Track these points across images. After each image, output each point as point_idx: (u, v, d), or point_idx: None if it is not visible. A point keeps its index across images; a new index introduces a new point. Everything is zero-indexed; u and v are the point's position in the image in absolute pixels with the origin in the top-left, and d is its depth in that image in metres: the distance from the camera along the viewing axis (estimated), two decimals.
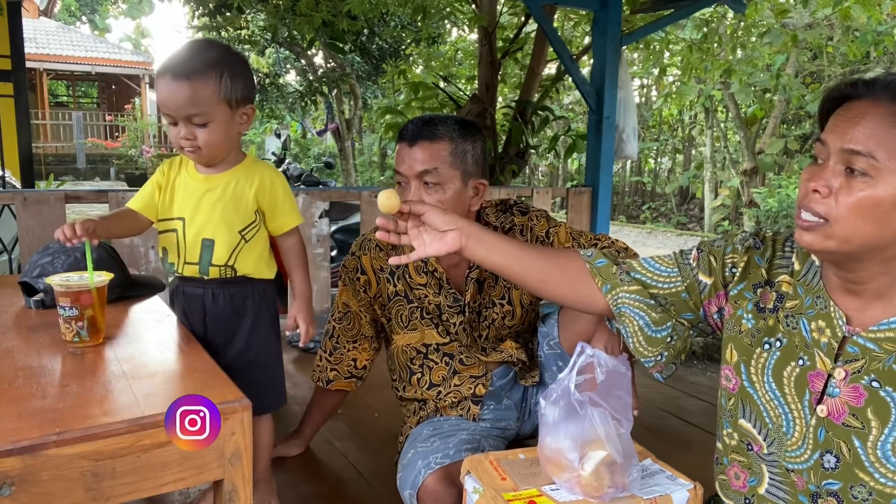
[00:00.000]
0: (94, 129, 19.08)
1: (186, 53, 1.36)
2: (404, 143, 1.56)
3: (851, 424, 0.94)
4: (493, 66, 4.72)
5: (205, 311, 1.46)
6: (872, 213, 0.88)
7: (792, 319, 1.03)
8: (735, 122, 11.48)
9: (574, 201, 3.77)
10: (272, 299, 1.54)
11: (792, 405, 1.01)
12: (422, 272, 1.68)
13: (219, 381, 1.07)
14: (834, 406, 0.96)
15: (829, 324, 0.98)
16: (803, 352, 1.00)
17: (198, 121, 1.32)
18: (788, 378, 1.02)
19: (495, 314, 1.70)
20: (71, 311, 1.20)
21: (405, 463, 1.54)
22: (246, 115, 1.40)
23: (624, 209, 14.31)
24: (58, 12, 24.51)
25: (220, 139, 1.36)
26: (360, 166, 14.22)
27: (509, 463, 1.16)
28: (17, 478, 0.83)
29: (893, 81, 0.90)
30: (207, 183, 1.42)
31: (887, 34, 7.08)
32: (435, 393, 1.70)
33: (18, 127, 6.11)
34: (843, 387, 0.95)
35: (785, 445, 1.01)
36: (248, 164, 1.45)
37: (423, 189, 1.53)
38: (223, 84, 1.33)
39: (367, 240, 1.74)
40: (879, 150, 0.86)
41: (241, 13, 7.20)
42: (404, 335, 1.71)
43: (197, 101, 1.31)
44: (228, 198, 1.41)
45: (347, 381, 1.82)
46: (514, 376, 1.74)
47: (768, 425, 1.04)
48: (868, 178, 0.87)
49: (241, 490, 1.00)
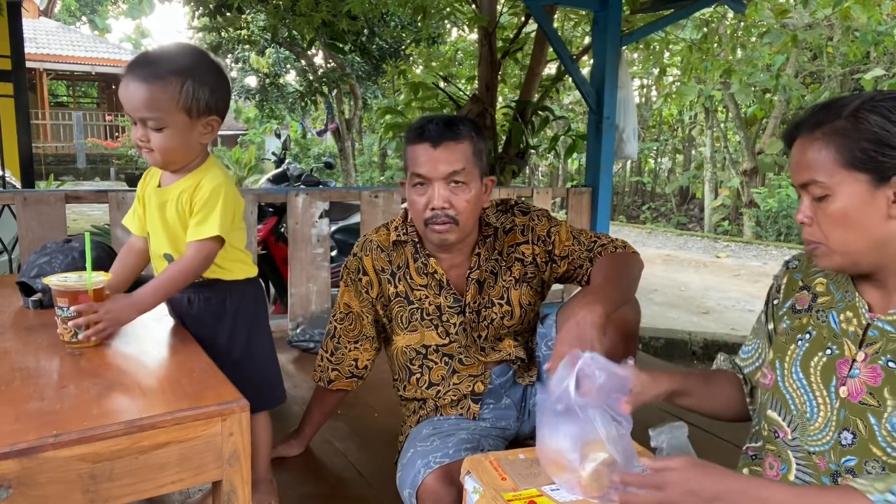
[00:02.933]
0: (94, 129, 19.09)
1: (154, 56, 1.33)
2: (426, 145, 1.54)
3: (868, 402, 1.01)
4: (493, 66, 4.71)
5: (184, 315, 1.45)
6: (847, 223, 1.00)
7: (822, 314, 1.12)
8: (735, 122, 11.48)
9: (574, 201, 3.77)
10: (255, 297, 1.52)
11: (817, 392, 1.08)
12: (422, 273, 1.68)
13: (217, 381, 1.07)
14: (853, 386, 1.03)
15: (855, 314, 1.07)
16: (832, 342, 1.09)
17: (151, 125, 1.30)
18: (815, 367, 1.09)
19: (494, 314, 1.70)
20: (68, 311, 1.19)
21: (405, 462, 1.54)
22: (210, 125, 1.37)
23: (624, 209, 14.31)
24: (58, 12, 24.52)
25: (174, 146, 1.33)
26: (360, 166, 14.23)
27: (509, 463, 1.16)
28: (15, 480, 0.82)
29: (807, 115, 1.05)
30: (163, 196, 1.39)
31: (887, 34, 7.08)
32: (434, 392, 1.69)
33: (18, 127, 6.10)
34: (863, 368, 1.03)
35: (808, 430, 1.08)
36: (197, 172, 1.39)
37: (450, 190, 1.54)
38: (184, 92, 1.30)
39: (368, 241, 1.74)
40: (819, 174, 1.00)
41: (241, 13, 7.20)
42: (404, 336, 1.71)
43: (151, 105, 1.28)
44: (175, 210, 1.38)
45: (348, 381, 1.82)
46: (514, 375, 1.75)
47: (793, 412, 1.10)
48: (828, 197, 1.00)
49: (239, 490, 1.00)
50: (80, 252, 1.51)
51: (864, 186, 0.98)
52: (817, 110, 1.04)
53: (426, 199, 1.55)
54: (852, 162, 0.98)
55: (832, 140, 0.99)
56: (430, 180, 1.54)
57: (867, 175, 0.97)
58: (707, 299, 6.25)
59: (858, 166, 0.97)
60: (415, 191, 1.57)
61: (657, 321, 5.19)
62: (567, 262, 1.71)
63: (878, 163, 0.96)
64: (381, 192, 3.23)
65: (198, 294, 1.44)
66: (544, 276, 1.74)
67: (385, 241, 1.71)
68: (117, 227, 2.59)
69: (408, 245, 1.68)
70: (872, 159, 0.96)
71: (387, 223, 1.76)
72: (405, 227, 1.69)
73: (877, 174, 0.97)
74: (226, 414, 0.96)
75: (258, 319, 1.53)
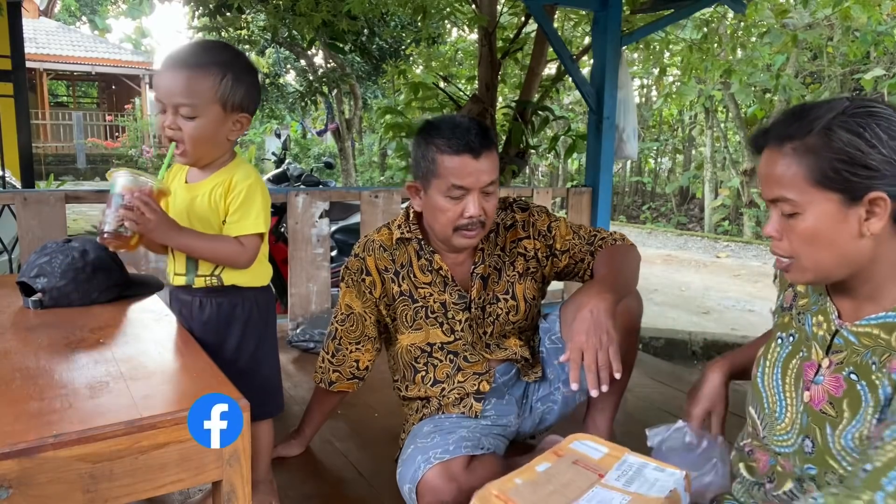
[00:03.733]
0: (94, 129, 19.09)
1: (197, 47, 1.36)
2: (467, 157, 1.52)
3: (827, 412, 1.01)
4: (493, 66, 4.71)
5: (193, 319, 1.45)
6: (818, 241, 0.97)
7: (802, 316, 1.12)
8: (735, 122, 11.48)
9: (574, 201, 3.77)
10: (266, 307, 1.51)
11: (787, 393, 1.08)
12: (426, 271, 1.68)
13: (217, 381, 1.07)
14: (816, 392, 1.03)
15: (825, 318, 1.06)
16: (804, 345, 1.09)
17: (184, 112, 1.30)
18: (792, 369, 1.09)
19: (500, 309, 1.70)
20: (125, 200, 1.23)
21: (405, 458, 1.55)
22: (240, 122, 1.38)
23: (624, 209, 14.30)
24: (58, 12, 24.51)
25: (205, 137, 1.33)
26: (360, 166, 14.22)
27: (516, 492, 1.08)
28: (15, 481, 0.82)
29: (775, 124, 1.01)
30: (191, 192, 1.40)
31: (887, 34, 7.08)
32: (439, 390, 1.70)
33: (18, 127, 6.11)
34: (827, 375, 1.03)
35: (775, 430, 1.08)
36: (228, 169, 1.40)
37: (483, 199, 1.56)
38: (223, 84, 1.32)
39: (370, 240, 1.73)
40: (789, 191, 0.97)
41: (241, 13, 7.20)
42: (409, 335, 1.71)
43: (189, 91, 1.29)
44: (207, 207, 1.38)
45: (350, 383, 1.82)
46: (517, 373, 1.76)
47: (765, 410, 1.11)
48: (797, 214, 0.97)
49: (239, 490, 1.00)
50: (80, 252, 1.51)
51: (835, 206, 0.95)
52: (787, 119, 1.00)
53: (461, 208, 1.55)
54: (823, 181, 0.94)
55: (803, 158, 0.95)
56: (471, 190, 1.54)
57: (839, 195, 0.94)
58: (707, 299, 6.25)
59: (830, 186, 0.94)
60: (448, 200, 1.55)
61: (657, 321, 5.18)
62: (568, 255, 1.73)
63: (849, 182, 0.93)
64: (381, 192, 3.23)
65: (210, 299, 1.44)
66: (545, 270, 1.76)
67: (387, 240, 1.71)
68: None
69: (412, 242, 1.69)
70: (845, 179, 0.93)
71: (387, 223, 1.76)
72: (408, 224, 1.69)
73: (848, 194, 0.94)
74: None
75: (268, 328, 1.52)
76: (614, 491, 1.07)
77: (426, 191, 1.59)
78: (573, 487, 1.08)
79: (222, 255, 1.38)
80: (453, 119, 1.59)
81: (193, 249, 1.37)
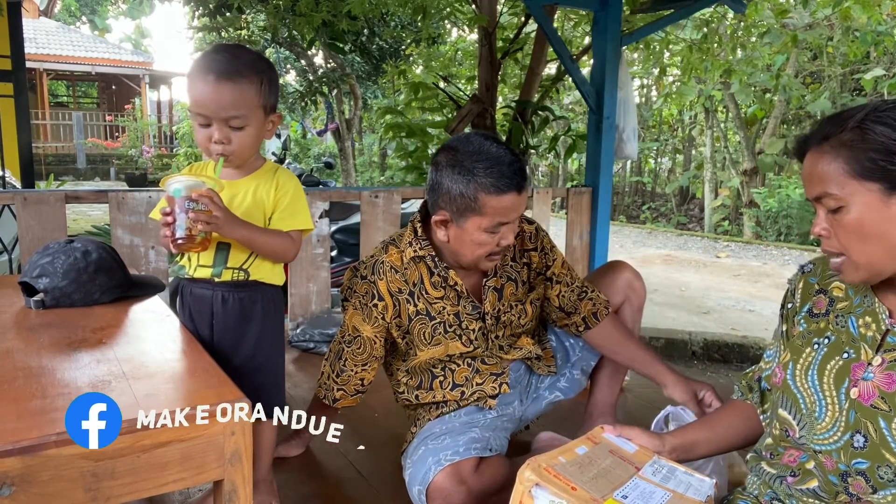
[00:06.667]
0: (94, 129, 19.09)
1: (227, 55, 1.34)
2: (514, 194, 1.50)
3: (879, 406, 1.03)
4: (493, 66, 4.71)
5: (213, 314, 1.45)
6: (866, 233, 1.01)
7: (841, 318, 1.14)
8: (735, 123, 11.48)
9: (574, 201, 3.77)
10: (280, 305, 1.54)
11: (826, 392, 1.10)
12: (439, 287, 1.67)
13: (218, 380, 1.07)
14: (865, 389, 1.06)
15: (874, 319, 1.09)
16: (849, 346, 1.11)
17: (235, 123, 1.32)
18: (830, 371, 1.11)
19: (513, 316, 1.72)
20: (201, 206, 1.26)
21: (415, 459, 1.55)
22: (273, 122, 1.41)
23: (624, 209, 14.30)
24: (58, 12, 24.50)
25: (252, 143, 1.36)
26: (360, 166, 14.22)
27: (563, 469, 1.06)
28: (17, 478, 0.82)
29: (814, 129, 1.07)
30: (233, 189, 1.41)
31: (887, 34, 7.08)
32: (459, 393, 1.71)
33: (18, 127, 6.10)
34: (879, 373, 1.05)
35: (815, 429, 1.10)
36: (268, 168, 1.46)
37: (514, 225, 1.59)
38: (263, 89, 1.33)
39: (379, 262, 1.67)
40: (830, 186, 1.02)
41: (241, 13, 7.20)
42: (428, 350, 1.69)
43: (239, 103, 1.30)
44: (251, 202, 1.41)
45: (353, 398, 1.82)
46: (527, 368, 1.83)
47: (802, 411, 1.13)
48: (842, 209, 1.02)
49: (240, 490, 1.00)
50: (82, 252, 1.51)
51: (876, 195, 0.99)
52: (824, 123, 1.06)
53: (498, 239, 1.56)
54: (862, 173, 0.99)
55: (840, 152, 1.01)
56: (508, 223, 1.55)
57: (878, 184, 0.99)
58: (707, 299, 6.25)
59: (869, 176, 0.99)
60: (488, 235, 1.54)
61: (657, 321, 5.18)
62: (560, 287, 1.77)
63: (887, 171, 0.98)
64: (381, 192, 3.23)
65: (233, 293, 1.45)
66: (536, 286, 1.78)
67: (397, 260, 1.66)
68: (117, 227, 2.59)
69: (425, 260, 1.65)
70: (882, 168, 0.98)
71: (392, 241, 1.72)
72: (419, 241, 1.64)
73: (887, 182, 0.99)
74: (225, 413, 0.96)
75: (281, 326, 1.55)
76: (653, 485, 1.09)
77: (458, 224, 1.54)
78: (614, 475, 1.09)
79: (277, 247, 1.42)
80: (489, 150, 1.51)
81: (254, 241, 1.40)
